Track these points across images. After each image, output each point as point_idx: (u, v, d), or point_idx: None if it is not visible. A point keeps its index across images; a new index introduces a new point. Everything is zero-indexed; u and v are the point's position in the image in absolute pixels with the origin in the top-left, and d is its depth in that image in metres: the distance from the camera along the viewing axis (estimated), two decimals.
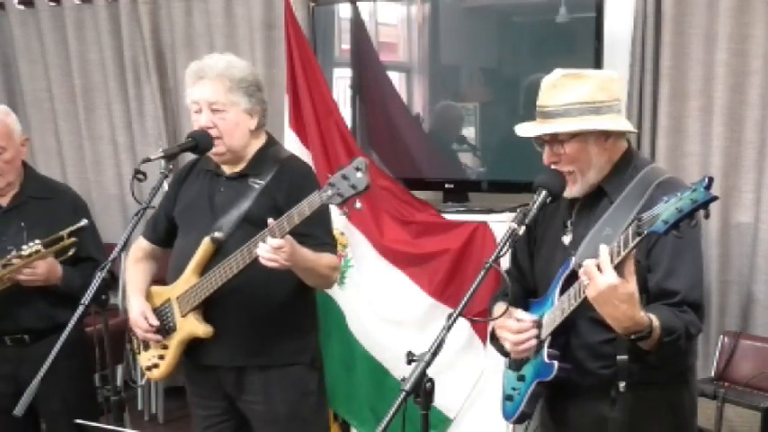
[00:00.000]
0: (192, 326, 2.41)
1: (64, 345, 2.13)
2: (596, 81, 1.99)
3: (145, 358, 2.58)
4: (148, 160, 2.32)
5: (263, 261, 2.19)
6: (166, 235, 2.61)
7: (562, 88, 1.98)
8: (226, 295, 2.36)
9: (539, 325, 2.03)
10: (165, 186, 2.51)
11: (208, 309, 2.42)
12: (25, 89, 4.92)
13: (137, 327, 2.49)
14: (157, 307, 2.52)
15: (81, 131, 4.83)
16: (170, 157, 2.33)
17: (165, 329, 2.48)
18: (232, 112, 2.40)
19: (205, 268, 2.39)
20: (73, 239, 2.76)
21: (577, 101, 1.95)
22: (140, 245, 2.68)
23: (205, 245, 2.39)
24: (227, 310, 2.40)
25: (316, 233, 2.36)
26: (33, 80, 4.89)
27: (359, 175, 2.02)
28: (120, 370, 4.15)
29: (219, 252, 2.38)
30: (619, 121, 2.02)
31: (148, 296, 2.56)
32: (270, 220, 2.17)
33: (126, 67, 4.60)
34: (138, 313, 2.49)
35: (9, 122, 2.80)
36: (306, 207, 2.12)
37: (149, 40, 4.48)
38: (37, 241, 2.67)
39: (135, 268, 2.63)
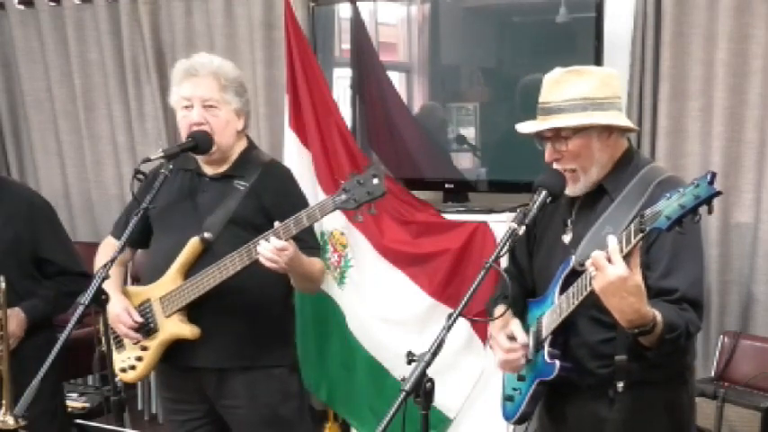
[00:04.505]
0: (178, 327, 2.39)
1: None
2: (598, 77, 1.99)
3: (119, 359, 2.53)
4: (148, 160, 2.32)
5: (263, 261, 2.18)
6: (139, 235, 2.50)
7: (564, 84, 1.97)
8: (212, 297, 2.34)
9: (537, 328, 2.03)
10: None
11: (191, 310, 2.39)
12: (25, 89, 4.91)
13: (119, 323, 2.44)
14: (136, 307, 2.48)
15: (81, 131, 4.82)
16: (170, 157, 2.34)
17: (146, 330, 2.45)
18: (224, 110, 2.42)
19: (191, 269, 2.38)
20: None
21: (580, 96, 1.94)
22: (110, 244, 2.59)
23: (193, 245, 2.37)
24: (212, 311, 2.38)
25: (306, 237, 2.36)
26: (33, 80, 4.88)
27: (375, 181, 2.06)
28: None
29: (207, 253, 2.36)
30: (621, 118, 2.02)
31: (125, 295, 2.51)
32: (276, 223, 2.18)
33: (126, 67, 4.59)
34: (122, 309, 2.44)
35: None
36: (317, 211, 2.14)
37: (149, 40, 4.47)
38: None
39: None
